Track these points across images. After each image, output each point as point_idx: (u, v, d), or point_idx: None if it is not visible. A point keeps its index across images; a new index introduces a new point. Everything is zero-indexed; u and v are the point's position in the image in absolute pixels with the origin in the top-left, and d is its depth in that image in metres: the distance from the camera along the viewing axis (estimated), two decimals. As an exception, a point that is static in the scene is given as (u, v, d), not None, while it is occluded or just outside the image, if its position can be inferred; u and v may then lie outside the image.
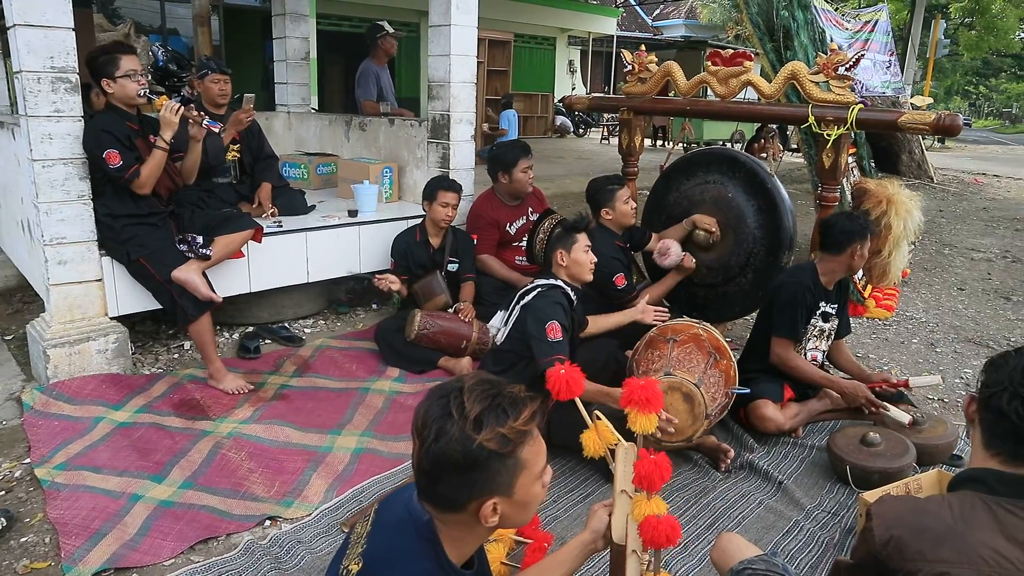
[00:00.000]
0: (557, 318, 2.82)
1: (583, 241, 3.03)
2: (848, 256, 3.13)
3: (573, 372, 1.85)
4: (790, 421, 3.13)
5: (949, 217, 8.92)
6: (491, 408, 1.21)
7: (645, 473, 1.64)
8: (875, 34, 7.50)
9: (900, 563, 1.34)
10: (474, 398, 1.21)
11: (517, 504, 1.27)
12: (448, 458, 1.19)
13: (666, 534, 1.58)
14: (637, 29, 22.26)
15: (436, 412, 1.21)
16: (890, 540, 1.36)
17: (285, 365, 3.74)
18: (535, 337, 2.81)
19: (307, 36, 6.32)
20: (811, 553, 2.41)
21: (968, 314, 5.09)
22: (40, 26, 3.01)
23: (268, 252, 3.88)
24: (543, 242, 3.11)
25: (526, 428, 1.24)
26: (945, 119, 3.19)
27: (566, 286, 3.00)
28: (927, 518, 1.37)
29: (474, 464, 1.19)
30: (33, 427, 2.99)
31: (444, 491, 1.23)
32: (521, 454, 1.24)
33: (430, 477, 1.22)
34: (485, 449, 1.19)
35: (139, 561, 2.26)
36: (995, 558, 1.28)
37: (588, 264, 3.03)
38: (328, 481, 2.75)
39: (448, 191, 3.99)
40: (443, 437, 1.19)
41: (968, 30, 22.12)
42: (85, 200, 3.28)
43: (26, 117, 3.08)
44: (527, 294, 3.00)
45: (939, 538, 1.32)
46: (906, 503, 1.46)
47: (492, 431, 1.19)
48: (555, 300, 2.91)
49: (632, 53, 4.33)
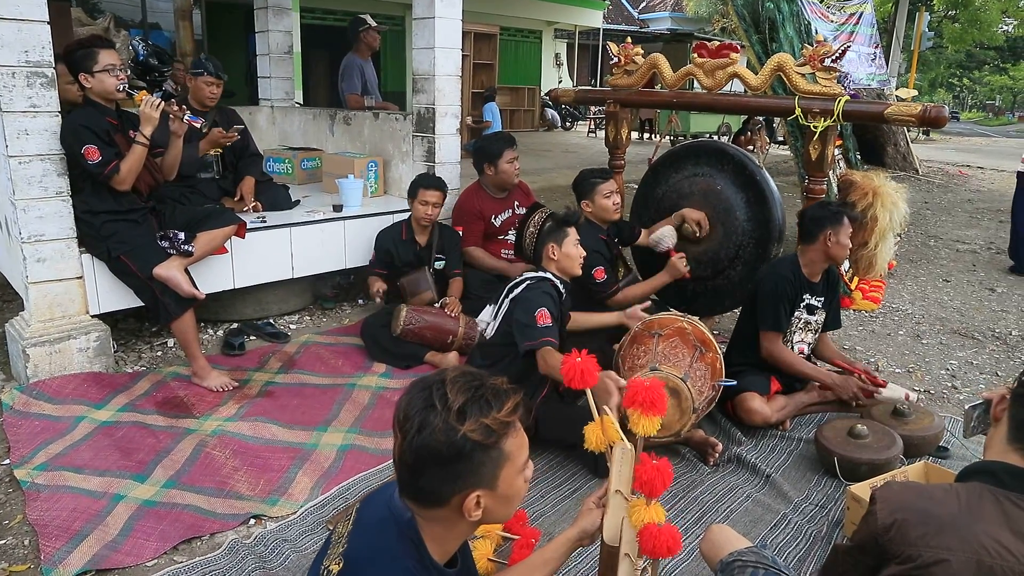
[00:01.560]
0: (547, 306, 2.82)
1: (574, 235, 3.02)
2: (822, 244, 3.13)
3: (589, 362, 1.82)
4: (777, 414, 3.13)
5: (934, 209, 8.98)
6: (474, 399, 1.20)
7: (647, 478, 1.60)
8: (860, 26, 7.50)
9: (901, 547, 1.34)
10: (457, 389, 1.20)
11: (500, 498, 1.26)
12: (431, 450, 1.17)
13: (667, 545, 1.54)
14: (623, 22, 22.24)
15: (419, 404, 1.20)
16: (894, 524, 1.36)
17: (270, 362, 3.70)
18: (523, 324, 2.80)
19: (290, 30, 6.25)
20: (799, 546, 2.41)
21: (954, 305, 5.12)
22: (14, 19, 2.96)
23: (252, 248, 3.83)
24: (533, 236, 3.09)
25: (509, 419, 1.23)
26: (931, 111, 3.20)
27: (555, 279, 2.98)
28: (933, 504, 1.36)
29: (458, 455, 1.18)
30: (13, 427, 2.94)
31: (427, 485, 1.21)
32: (505, 446, 1.23)
33: (412, 470, 1.21)
34: (469, 440, 1.18)
35: (121, 562, 2.22)
36: (997, 549, 1.28)
37: (578, 258, 3.02)
38: (314, 479, 2.72)
39: (429, 189, 3.96)
40: (426, 429, 1.17)
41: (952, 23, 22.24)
42: (64, 197, 3.23)
43: (1, 112, 3.02)
44: (516, 287, 2.98)
45: (943, 525, 1.32)
46: (913, 489, 1.46)
47: (476, 422, 1.18)
48: (544, 291, 2.90)
49: (618, 45, 4.31)
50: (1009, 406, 1.46)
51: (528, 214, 3.18)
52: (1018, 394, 1.44)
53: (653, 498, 1.62)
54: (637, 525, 1.60)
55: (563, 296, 2.99)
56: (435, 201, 3.97)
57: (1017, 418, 1.44)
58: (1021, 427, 1.42)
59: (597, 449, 1.83)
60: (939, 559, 1.29)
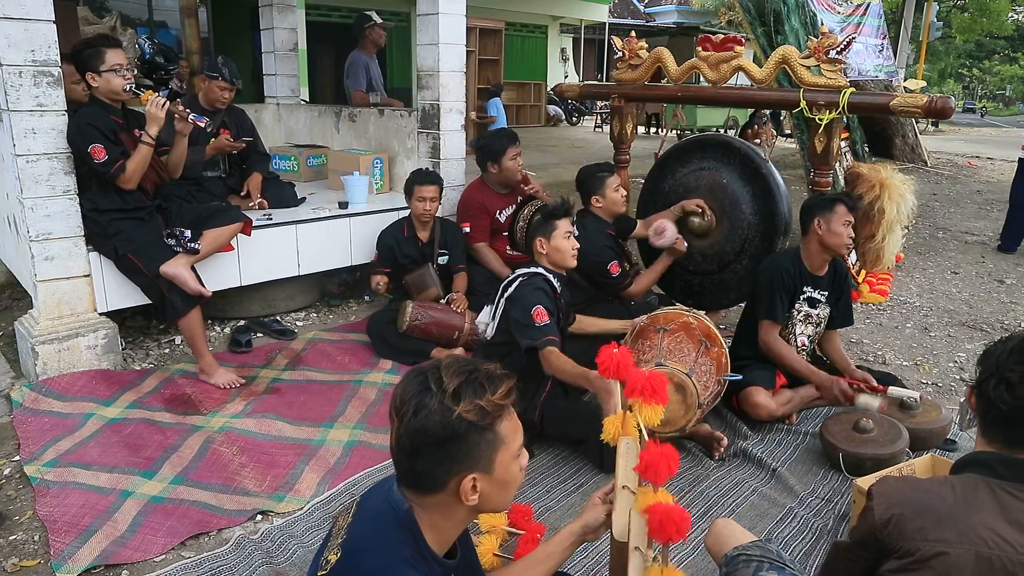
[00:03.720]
0: (541, 303, 2.79)
1: (564, 227, 2.96)
2: (814, 233, 3.12)
3: (626, 353, 1.82)
4: (782, 408, 3.12)
5: (943, 200, 8.92)
6: (469, 382, 1.22)
7: (652, 463, 1.56)
8: (867, 17, 7.45)
9: (899, 542, 1.34)
10: (451, 373, 1.23)
11: (497, 482, 1.27)
12: (428, 431, 1.20)
13: (676, 526, 1.48)
14: (629, 16, 22.13)
15: (414, 388, 1.23)
16: (891, 519, 1.36)
17: (277, 358, 3.72)
18: (521, 323, 2.78)
19: (295, 27, 6.26)
20: (805, 540, 2.40)
21: (962, 298, 5.09)
22: (20, 19, 2.97)
23: (258, 245, 3.85)
24: (523, 229, 3.06)
25: (503, 402, 1.25)
26: (937, 102, 3.18)
27: (548, 273, 2.96)
28: (929, 497, 1.37)
29: (453, 436, 1.20)
30: (22, 424, 2.97)
31: (423, 468, 1.23)
32: (499, 428, 1.25)
33: (409, 454, 1.23)
34: (464, 420, 1.20)
35: (129, 557, 2.24)
36: (995, 540, 1.29)
37: (570, 250, 2.97)
38: (320, 474, 2.73)
39: (424, 184, 3.94)
40: (422, 411, 1.20)
41: (961, 12, 22.08)
42: (71, 195, 3.24)
43: (8, 112, 3.04)
44: (510, 285, 2.97)
45: (940, 518, 1.33)
46: (908, 483, 1.46)
47: (471, 403, 1.21)
48: (536, 286, 2.86)
49: (622, 40, 4.30)
50: (975, 402, 1.46)
51: (519, 208, 3.14)
52: (977, 388, 1.45)
53: (660, 484, 1.60)
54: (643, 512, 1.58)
55: (557, 290, 2.96)
56: (432, 196, 3.95)
57: (981, 412, 1.44)
58: (986, 420, 1.43)
59: (613, 441, 1.83)
60: (938, 552, 1.29)
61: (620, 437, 1.81)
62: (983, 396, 1.42)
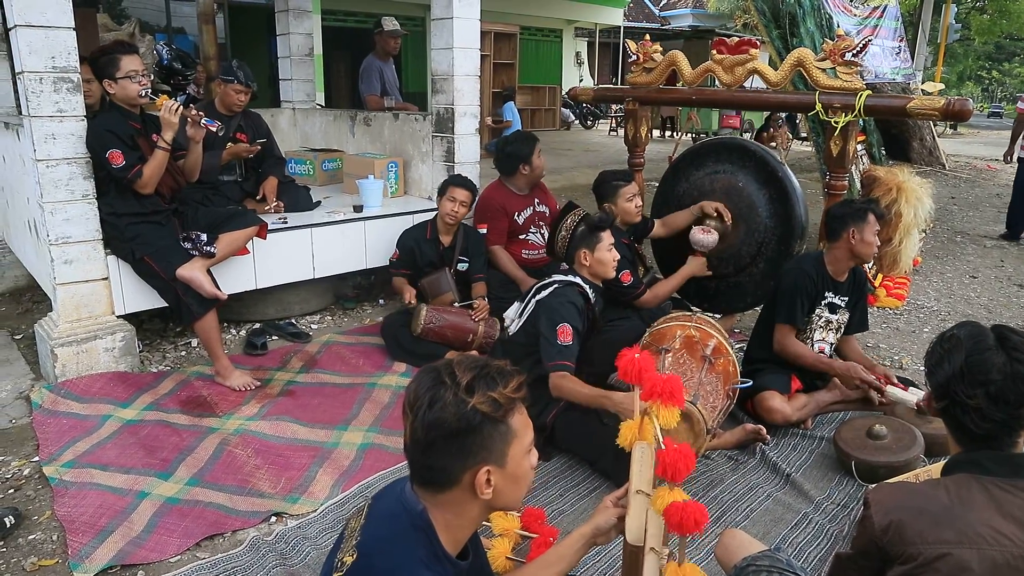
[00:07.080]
0: (570, 320, 2.78)
1: (607, 239, 3.00)
2: (846, 241, 3.09)
3: (647, 358, 1.83)
4: (798, 412, 3.09)
5: (961, 204, 8.84)
6: (481, 376, 1.25)
7: (670, 462, 1.59)
8: (884, 20, 7.39)
9: (900, 547, 1.35)
10: (464, 368, 1.26)
11: (509, 476, 1.29)
12: (442, 423, 1.21)
13: (694, 518, 1.52)
14: (644, 20, 22.11)
15: (428, 383, 1.25)
16: (890, 525, 1.37)
17: (292, 361, 3.74)
18: (545, 337, 2.79)
19: (311, 32, 6.31)
20: (820, 546, 2.38)
21: (980, 302, 5.03)
22: (41, 26, 3.01)
23: (273, 249, 3.88)
24: (565, 239, 3.08)
25: (515, 396, 1.27)
26: (955, 104, 3.15)
27: (584, 284, 2.96)
28: (925, 500, 1.38)
29: (468, 428, 1.22)
30: (42, 425, 3.01)
31: (437, 462, 1.24)
32: (511, 421, 1.27)
33: (424, 448, 1.24)
34: (478, 412, 1.22)
35: (145, 558, 2.26)
36: (994, 536, 1.29)
37: (612, 262, 3.02)
38: (334, 477, 2.75)
39: (459, 187, 3.96)
40: (437, 403, 1.22)
41: (980, 14, 21.86)
42: (89, 199, 3.28)
43: (29, 118, 3.08)
44: (543, 288, 2.97)
45: (938, 519, 1.33)
46: (902, 488, 1.48)
47: (484, 395, 1.23)
48: (569, 299, 2.85)
49: (637, 43, 4.30)
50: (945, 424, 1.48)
51: (562, 215, 3.15)
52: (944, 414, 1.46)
53: (676, 483, 1.61)
54: (661, 509, 1.58)
55: (590, 301, 2.96)
56: (463, 199, 3.96)
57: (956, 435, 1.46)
58: (964, 441, 1.45)
59: (628, 447, 1.83)
60: (940, 554, 1.30)
61: (637, 443, 1.81)
62: (953, 422, 1.44)
